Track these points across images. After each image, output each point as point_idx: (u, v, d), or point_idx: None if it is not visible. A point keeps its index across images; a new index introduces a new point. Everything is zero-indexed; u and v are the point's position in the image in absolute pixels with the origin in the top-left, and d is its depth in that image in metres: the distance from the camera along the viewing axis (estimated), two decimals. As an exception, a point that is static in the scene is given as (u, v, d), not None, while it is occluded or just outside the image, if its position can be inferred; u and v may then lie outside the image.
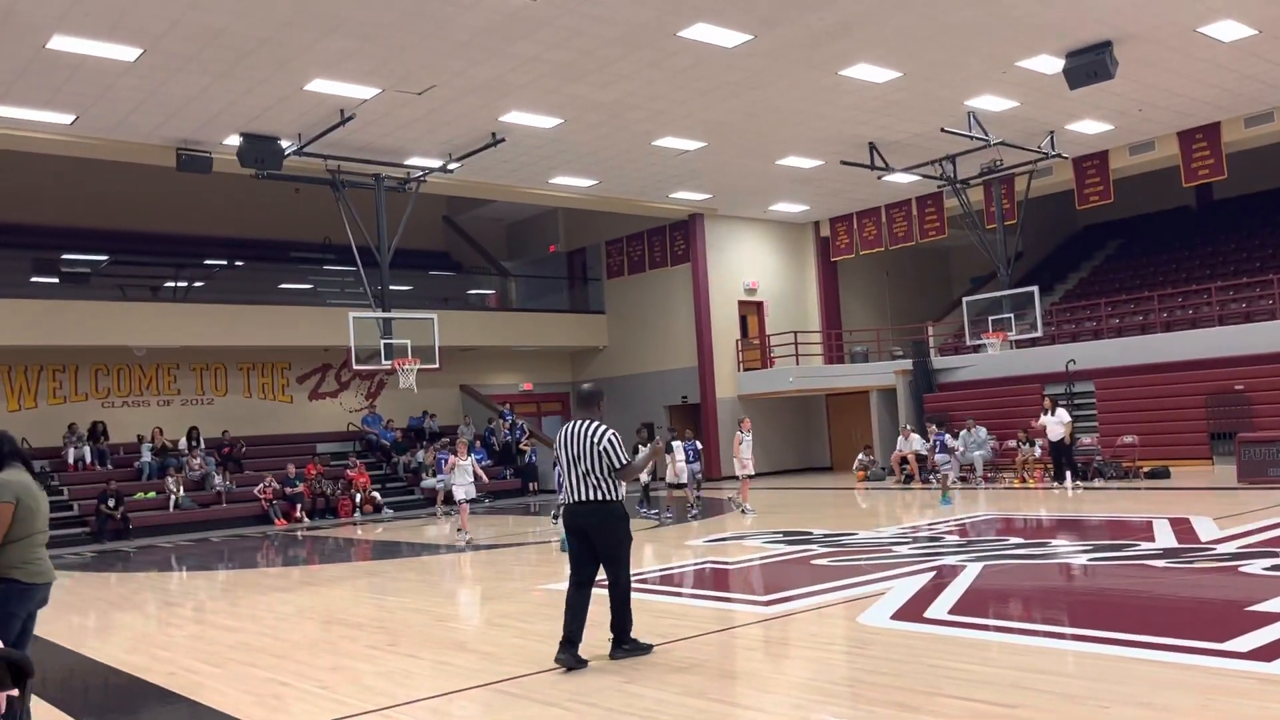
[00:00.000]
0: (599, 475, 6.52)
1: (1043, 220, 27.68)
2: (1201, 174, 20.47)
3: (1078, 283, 27.83)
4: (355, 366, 18.39)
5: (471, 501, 15.73)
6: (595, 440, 6.53)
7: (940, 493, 17.29)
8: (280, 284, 25.19)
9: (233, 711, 5.99)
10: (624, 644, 6.64)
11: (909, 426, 21.94)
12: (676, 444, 17.14)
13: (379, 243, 18.74)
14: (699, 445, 17.98)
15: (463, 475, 15.28)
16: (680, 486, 17.17)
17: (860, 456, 23.71)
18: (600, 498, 6.52)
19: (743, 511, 16.18)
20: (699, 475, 17.67)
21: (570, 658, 6.38)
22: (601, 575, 6.65)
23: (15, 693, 3.44)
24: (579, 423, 6.68)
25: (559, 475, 6.70)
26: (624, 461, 6.58)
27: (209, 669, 7.25)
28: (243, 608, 10.13)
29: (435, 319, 18.91)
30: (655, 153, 19.99)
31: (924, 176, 21.57)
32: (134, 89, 14.75)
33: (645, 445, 15.45)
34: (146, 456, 21.34)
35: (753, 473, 16.89)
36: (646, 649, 6.71)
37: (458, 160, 18.64)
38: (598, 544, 6.55)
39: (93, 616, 10.45)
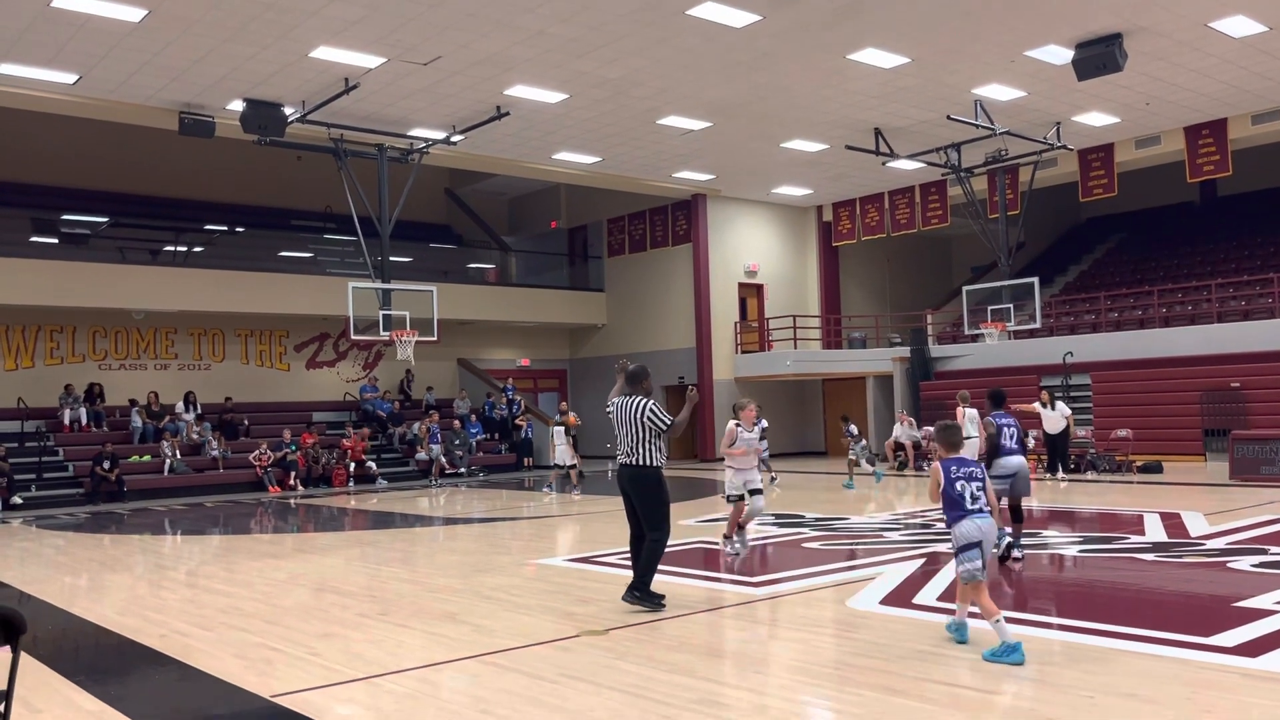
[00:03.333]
0: (641, 443, 7.47)
1: (1045, 211, 27.66)
2: (1206, 170, 20.44)
3: (1078, 275, 27.82)
4: (353, 337, 18.36)
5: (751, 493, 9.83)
6: (639, 413, 7.49)
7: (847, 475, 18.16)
8: (280, 252, 25.13)
9: (223, 675, 6.03)
10: (637, 590, 7.41)
11: (905, 413, 21.97)
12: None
13: (380, 213, 18.68)
14: (765, 424, 15.20)
15: (746, 454, 9.86)
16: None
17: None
18: (638, 462, 7.49)
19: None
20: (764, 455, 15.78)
21: (632, 597, 7.48)
22: None
23: (7, 648, 3.46)
24: (626, 397, 7.64)
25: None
26: (668, 421, 7.48)
27: (200, 632, 7.29)
28: (235, 573, 10.16)
29: (435, 291, 18.88)
30: (660, 131, 19.91)
31: (928, 164, 21.51)
32: (138, 50, 14.65)
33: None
34: (136, 422, 21.34)
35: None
36: (658, 604, 7.34)
37: (461, 133, 18.55)
38: (637, 503, 7.53)
39: (85, 577, 10.49)
